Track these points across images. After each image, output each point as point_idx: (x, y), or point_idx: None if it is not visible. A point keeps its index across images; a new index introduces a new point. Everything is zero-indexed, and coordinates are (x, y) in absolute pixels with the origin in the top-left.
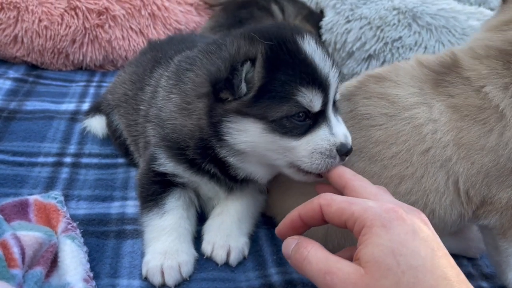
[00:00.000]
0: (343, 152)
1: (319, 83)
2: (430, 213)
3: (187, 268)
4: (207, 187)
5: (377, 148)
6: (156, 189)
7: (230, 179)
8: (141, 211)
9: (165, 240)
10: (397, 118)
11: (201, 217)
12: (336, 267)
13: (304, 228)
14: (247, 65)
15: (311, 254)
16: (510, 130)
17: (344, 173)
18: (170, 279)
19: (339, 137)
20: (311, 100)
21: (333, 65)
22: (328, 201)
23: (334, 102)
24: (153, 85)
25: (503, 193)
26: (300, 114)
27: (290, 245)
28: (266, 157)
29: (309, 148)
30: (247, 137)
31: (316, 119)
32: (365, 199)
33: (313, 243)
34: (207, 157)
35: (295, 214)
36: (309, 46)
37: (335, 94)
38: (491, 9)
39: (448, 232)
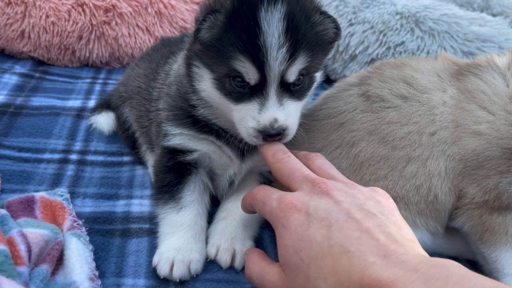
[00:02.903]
0: (265, 134)
1: (256, 59)
2: (434, 197)
3: (196, 266)
4: (218, 155)
5: (389, 128)
6: (171, 179)
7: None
8: (157, 202)
9: (180, 237)
10: (413, 99)
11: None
12: (267, 271)
13: None
14: (214, 16)
15: (250, 262)
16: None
17: (266, 154)
18: (177, 272)
19: (263, 119)
20: (247, 71)
21: (284, 46)
22: (252, 200)
23: (289, 85)
24: (166, 71)
25: (470, 188)
26: (239, 79)
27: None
28: (223, 111)
29: (239, 116)
30: (205, 85)
31: (254, 93)
32: (274, 194)
33: (254, 251)
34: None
35: (246, 203)
36: (267, 17)
37: (283, 75)
38: (494, 15)
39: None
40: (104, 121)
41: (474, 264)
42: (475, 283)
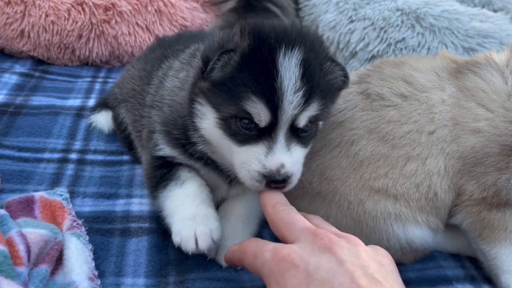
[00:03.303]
0: (269, 180)
1: (271, 101)
2: (433, 195)
3: (217, 233)
4: (207, 176)
5: (389, 127)
6: (164, 173)
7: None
8: (155, 193)
9: (190, 205)
10: (412, 98)
11: None
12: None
13: None
14: (229, 55)
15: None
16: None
17: (266, 204)
18: (203, 244)
19: (270, 163)
20: (258, 113)
21: (300, 91)
22: (241, 253)
23: (298, 130)
24: (160, 76)
25: (469, 185)
26: (246, 121)
27: None
28: (222, 152)
29: (242, 159)
30: (207, 124)
31: (261, 135)
32: (267, 245)
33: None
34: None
35: (233, 253)
36: (285, 61)
37: (294, 119)
38: (495, 11)
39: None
40: (104, 120)
41: (475, 262)
42: None
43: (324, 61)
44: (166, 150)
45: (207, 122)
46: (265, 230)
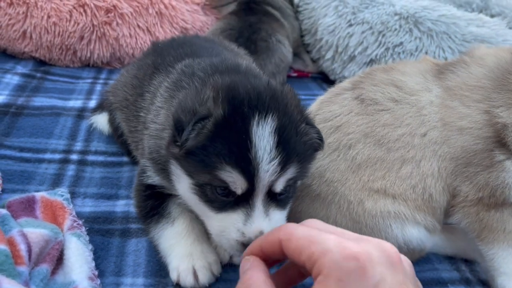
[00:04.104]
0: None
1: (247, 170)
2: (428, 197)
3: (217, 266)
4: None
5: (384, 131)
6: (153, 204)
7: None
8: (147, 226)
9: (185, 244)
10: (403, 102)
11: None
12: None
13: (268, 262)
14: (202, 123)
15: (252, 279)
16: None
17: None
18: (204, 279)
19: (249, 232)
20: (234, 180)
21: (276, 159)
22: (287, 235)
23: (276, 195)
24: (152, 92)
25: (464, 186)
26: (222, 189)
27: (243, 267)
28: (198, 215)
29: (220, 227)
30: (181, 187)
31: (239, 202)
32: (327, 234)
33: (258, 267)
34: None
35: (256, 246)
36: (259, 130)
37: (271, 185)
38: (492, 16)
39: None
40: (105, 121)
41: (470, 264)
42: None
43: (299, 123)
44: (155, 179)
45: (182, 185)
46: None
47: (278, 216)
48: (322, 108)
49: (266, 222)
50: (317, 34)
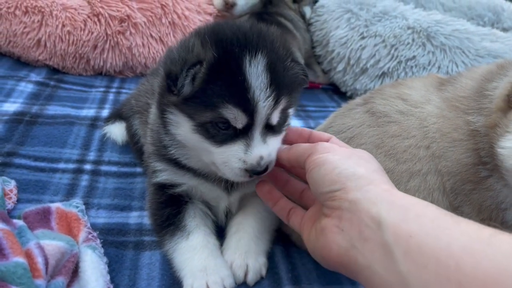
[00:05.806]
0: (253, 173)
1: (246, 106)
2: None
3: (230, 281)
4: (205, 188)
5: (393, 142)
6: (170, 212)
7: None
8: (162, 237)
9: (199, 258)
10: (409, 114)
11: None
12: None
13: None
14: (196, 69)
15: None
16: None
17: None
18: None
19: (250, 159)
20: (235, 117)
21: (271, 94)
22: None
23: (271, 125)
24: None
25: (465, 207)
26: (222, 124)
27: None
28: (200, 154)
29: (222, 158)
30: (182, 131)
31: (238, 134)
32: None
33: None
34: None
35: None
36: (252, 67)
37: (268, 118)
38: (504, 29)
39: None
40: (118, 131)
41: None
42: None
43: (285, 57)
44: (161, 169)
45: (183, 129)
46: (277, 246)
47: (274, 141)
48: (336, 121)
49: (265, 148)
50: (329, 46)
